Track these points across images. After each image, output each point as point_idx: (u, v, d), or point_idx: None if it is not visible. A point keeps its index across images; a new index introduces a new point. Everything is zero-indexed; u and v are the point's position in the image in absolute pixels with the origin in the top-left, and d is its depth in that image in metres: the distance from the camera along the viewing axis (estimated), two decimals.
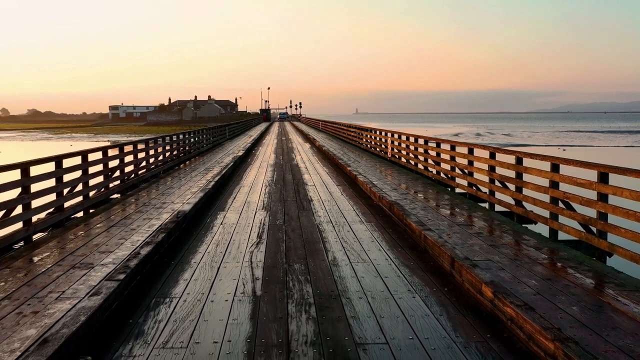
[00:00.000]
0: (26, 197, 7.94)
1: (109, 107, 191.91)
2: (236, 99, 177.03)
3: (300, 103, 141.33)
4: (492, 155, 10.78)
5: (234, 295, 5.77)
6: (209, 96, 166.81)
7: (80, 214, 10.27)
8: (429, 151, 15.25)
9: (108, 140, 74.86)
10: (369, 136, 25.87)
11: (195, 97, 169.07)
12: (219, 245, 8.00)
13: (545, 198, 8.54)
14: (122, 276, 5.83)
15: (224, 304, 5.50)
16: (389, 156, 20.32)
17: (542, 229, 8.79)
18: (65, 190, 9.52)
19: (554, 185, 8.27)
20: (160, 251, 7.42)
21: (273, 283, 6.19)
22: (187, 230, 9.03)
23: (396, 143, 19.51)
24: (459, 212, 10.09)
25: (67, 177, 9.56)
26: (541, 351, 4.35)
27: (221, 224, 9.57)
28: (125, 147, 13.32)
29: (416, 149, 16.58)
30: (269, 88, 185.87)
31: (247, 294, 5.83)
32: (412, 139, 17.25)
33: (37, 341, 4.31)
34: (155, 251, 7.20)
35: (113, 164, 12.19)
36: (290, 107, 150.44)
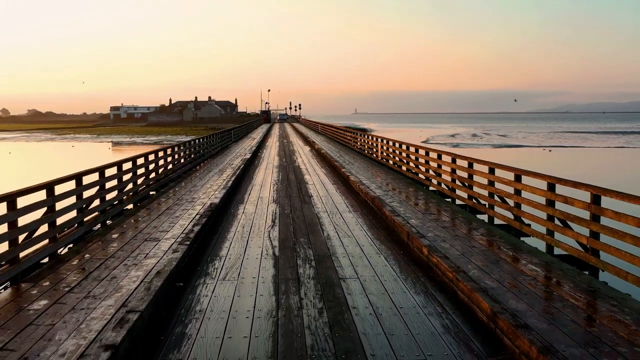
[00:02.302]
0: (104, 192, 10.90)
1: (110, 107, 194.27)
2: (236, 100, 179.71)
3: (299, 104, 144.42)
4: (454, 160, 13.73)
5: (261, 255, 8.73)
6: (209, 97, 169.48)
7: (130, 206, 13.19)
8: (410, 155, 18.19)
9: (111, 141, 77.28)
10: (362, 140, 28.83)
11: (196, 97, 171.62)
12: (244, 227, 10.98)
13: (488, 194, 11.47)
14: (187, 242, 8.81)
15: (255, 260, 8.46)
16: (379, 159, 23.26)
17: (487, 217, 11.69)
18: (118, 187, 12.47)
19: (491, 183, 11.22)
20: (205, 230, 10.38)
21: (286, 249, 9.16)
22: (219, 217, 11.99)
23: (385, 147, 22.46)
24: (427, 204, 13.02)
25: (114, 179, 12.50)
26: (447, 279, 7.31)
27: (243, 213, 12.55)
28: (159, 152, 16.26)
29: (400, 152, 19.53)
30: (269, 90, 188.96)
31: (269, 254, 8.80)
32: (397, 144, 20.19)
33: (151, 272, 7.26)
34: (202, 229, 10.15)
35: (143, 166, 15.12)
36: (290, 108, 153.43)
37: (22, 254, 7.58)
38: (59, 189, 8.85)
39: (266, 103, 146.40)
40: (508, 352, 5.31)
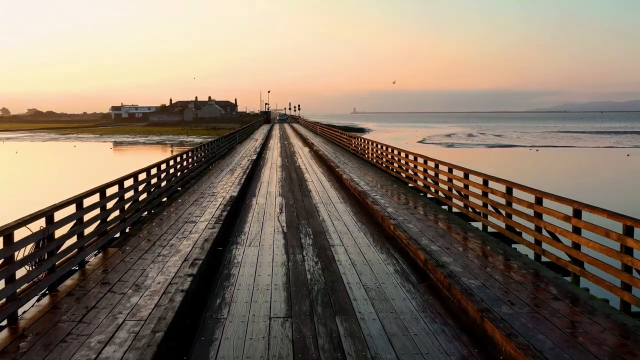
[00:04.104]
0: (152, 187, 14.14)
1: (111, 107, 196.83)
2: (235, 100, 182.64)
3: (298, 105, 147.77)
4: (425, 162, 16.99)
5: (274, 231, 12.00)
6: (209, 97, 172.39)
7: (165, 199, 16.40)
8: (394, 157, 21.43)
9: (114, 141, 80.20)
10: (356, 142, 32.08)
11: (196, 97, 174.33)
12: (259, 213, 14.25)
13: (447, 188, 14.71)
14: (220, 223, 12.06)
15: (269, 234, 11.73)
16: (370, 160, 26.50)
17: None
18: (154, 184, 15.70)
19: (450, 180, 14.48)
20: (229, 215, 13.62)
21: (292, 227, 12.42)
22: (238, 207, 15.24)
23: (374, 149, 25.71)
24: (404, 197, 16.25)
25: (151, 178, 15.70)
26: (403, 244, 10.57)
27: (256, 203, 15.82)
28: (184, 154, 19.50)
29: (387, 155, 22.76)
30: (269, 91, 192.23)
31: (279, 231, 12.06)
32: (384, 147, 23.43)
33: (199, 240, 10.51)
34: (228, 214, 13.40)
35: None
36: (290, 109, 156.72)
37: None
38: (126, 184, 12.09)
39: (266, 104, 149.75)
40: (430, 280, 8.59)
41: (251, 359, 5.88)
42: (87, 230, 9.76)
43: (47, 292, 8.04)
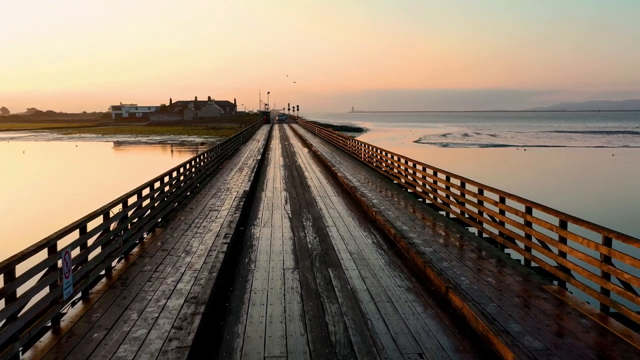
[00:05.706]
0: (181, 182, 17.38)
1: (112, 107, 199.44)
2: (235, 100, 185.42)
3: (297, 106, 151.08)
4: (406, 162, 20.26)
5: (282, 217, 15.27)
6: (209, 97, 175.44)
7: (188, 193, 19.62)
8: (383, 157, 24.68)
9: (116, 141, 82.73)
10: (351, 144, 35.34)
11: (196, 97, 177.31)
12: (268, 204, 17.52)
13: (422, 184, 17.97)
14: (239, 210, 15.33)
15: (279, 219, 15.00)
16: (363, 160, 29.75)
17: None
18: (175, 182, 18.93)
19: (424, 177, 17.74)
20: (245, 204, 16.88)
21: (295, 214, 15.70)
22: (250, 199, 18.50)
23: (366, 150, 28.97)
24: (389, 192, 19.51)
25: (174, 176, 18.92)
26: (381, 225, 13.84)
27: (265, 196, 19.09)
28: (201, 155, 22.75)
29: (377, 155, 26.01)
30: (268, 92, 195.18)
31: (286, 217, 15.33)
32: (374, 149, 26.69)
33: (225, 222, 13.76)
34: (244, 204, 16.66)
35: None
36: (289, 109, 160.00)
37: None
38: (165, 180, 15.33)
39: (265, 105, 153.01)
40: (397, 248, 11.87)
41: (274, 289, 9.17)
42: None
43: (122, 256, 11.27)
